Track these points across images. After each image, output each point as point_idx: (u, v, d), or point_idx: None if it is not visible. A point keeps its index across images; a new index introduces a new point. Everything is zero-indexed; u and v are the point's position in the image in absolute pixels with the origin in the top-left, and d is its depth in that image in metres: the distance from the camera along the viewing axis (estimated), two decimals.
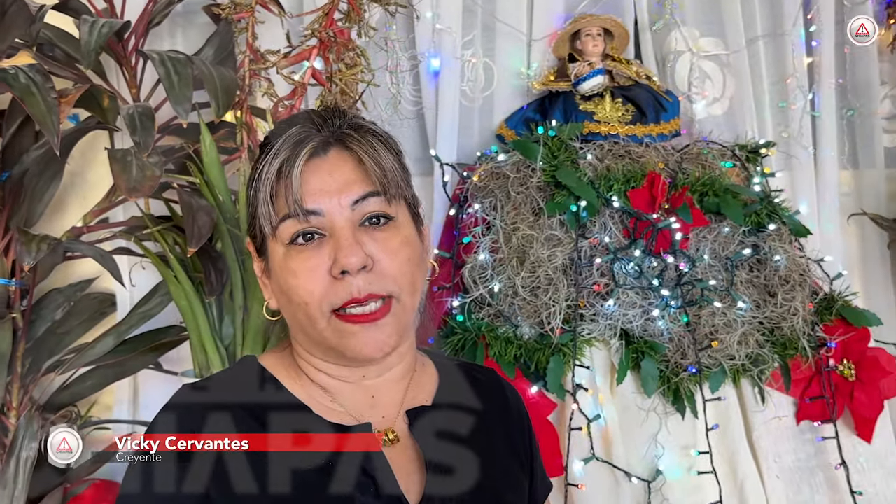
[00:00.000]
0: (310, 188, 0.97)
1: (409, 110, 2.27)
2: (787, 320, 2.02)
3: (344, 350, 1.00)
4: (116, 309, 2.13)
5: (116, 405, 2.16)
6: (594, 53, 2.26)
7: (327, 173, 0.99)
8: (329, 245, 0.97)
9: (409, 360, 1.10)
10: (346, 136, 1.00)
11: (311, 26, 1.81)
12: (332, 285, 0.97)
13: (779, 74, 2.51)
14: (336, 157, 1.00)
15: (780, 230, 2.10)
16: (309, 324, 0.99)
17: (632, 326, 1.92)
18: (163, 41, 2.20)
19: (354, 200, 0.98)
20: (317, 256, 0.97)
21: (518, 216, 1.95)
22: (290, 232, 0.98)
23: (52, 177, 1.89)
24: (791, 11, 2.47)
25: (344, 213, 0.98)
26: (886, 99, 2.70)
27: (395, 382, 1.08)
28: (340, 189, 0.98)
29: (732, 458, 1.97)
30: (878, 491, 2.06)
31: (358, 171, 0.99)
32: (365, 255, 0.96)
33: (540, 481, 1.22)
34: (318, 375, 1.05)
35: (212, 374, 1.80)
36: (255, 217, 1.02)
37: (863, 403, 2.06)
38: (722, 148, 2.22)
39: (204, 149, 1.75)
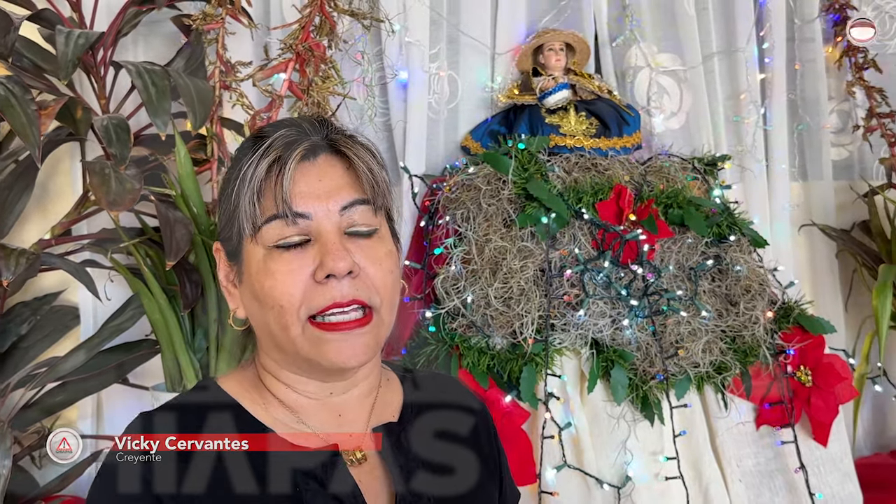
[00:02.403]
0: (299, 190, 0.96)
1: (378, 122, 2.28)
2: (749, 328, 2.08)
3: (318, 359, 0.97)
4: (80, 322, 2.10)
5: (80, 420, 2.12)
6: (557, 68, 2.31)
7: (317, 177, 0.98)
8: (314, 249, 0.96)
9: (375, 376, 1.09)
10: (337, 141, 1.00)
11: (287, 39, 1.82)
12: (314, 289, 0.95)
13: (733, 90, 2.59)
14: (326, 161, 0.99)
15: (740, 241, 2.17)
16: (281, 331, 0.97)
17: (602, 336, 1.96)
18: (127, 51, 2.18)
19: (343, 206, 0.98)
20: (299, 259, 0.96)
21: (490, 228, 1.98)
22: (275, 234, 0.96)
23: (22, 189, 1.86)
24: (744, 29, 2.56)
25: (332, 218, 0.97)
26: (833, 113, 2.80)
27: (362, 399, 1.07)
28: (329, 194, 0.97)
29: (697, 464, 2.02)
30: (834, 493, 2.14)
31: (347, 177, 0.99)
32: (352, 261, 0.95)
33: (509, 490, 1.22)
34: (284, 392, 1.03)
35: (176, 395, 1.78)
36: (232, 217, 0.99)
37: (819, 408, 2.13)
38: (682, 161, 2.29)
39: (179, 161, 1.73)
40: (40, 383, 1.70)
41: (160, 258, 1.79)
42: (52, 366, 1.72)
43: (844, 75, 2.77)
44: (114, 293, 2.02)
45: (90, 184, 1.49)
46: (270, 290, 0.96)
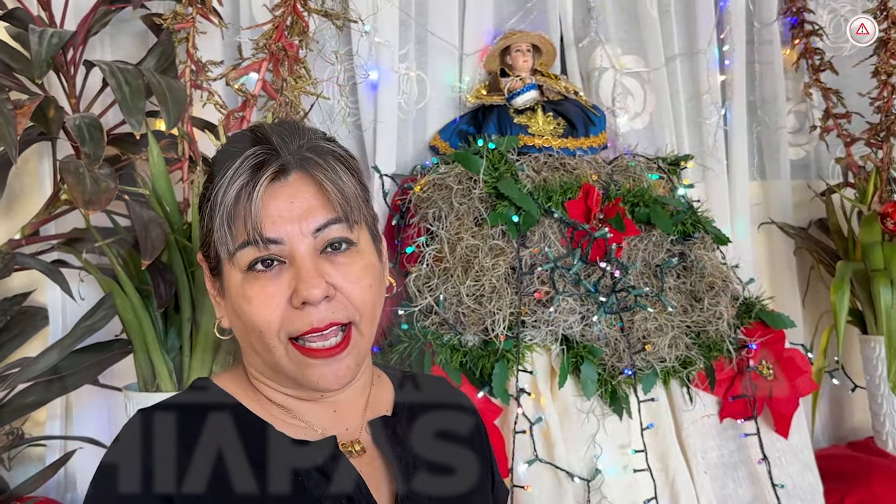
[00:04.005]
0: (269, 214, 0.95)
1: (348, 122, 2.30)
2: (713, 324, 2.13)
3: (302, 381, 0.99)
4: (49, 323, 2.09)
5: (50, 421, 2.10)
6: (524, 68, 2.34)
7: (288, 200, 0.96)
8: (289, 273, 0.95)
9: (367, 375, 1.11)
10: (307, 160, 0.98)
11: (260, 39, 1.82)
12: (291, 314, 0.95)
13: (695, 91, 2.64)
14: (297, 181, 0.97)
15: (704, 238, 2.22)
16: (265, 350, 0.98)
17: (572, 332, 1.99)
18: (95, 51, 2.16)
19: (316, 228, 0.96)
20: (275, 284, 0.95)
21: (462, 226, 2.00)
22: (248, 259, 0.96)
23: None
24: (705, 31, 2.61)
25: (305, 241, 0.96)
26: (791, 114, 2.88)
27: (356, 397, 1.09)
28: (302, 216, 0.96)
29: (664, 456, 2.06)
30: (795, 483, 2.19)
31: (319, 198, 0.97)
32: (327, 285, 0.95)
33: (500, 485, 1.26)
34: (276, 395, 1.04)
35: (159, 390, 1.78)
36: (208, 239, 0.99)
37: (780, 401, 2.19)
38: (648, 161, 2.33)
39: (152, 160, 1.73)
40: (12, 384, 1.69)
41: (133, 258, 1.79)
42: (25, 366, 1.70)
43: (802, 77, 2.84)
44: (83, 294, 2.01)
45: (66, 183, 1.48)
46: (249, 315, 0.96)
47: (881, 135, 2.59)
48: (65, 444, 2.10)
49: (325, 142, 1.02)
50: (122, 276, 1.71)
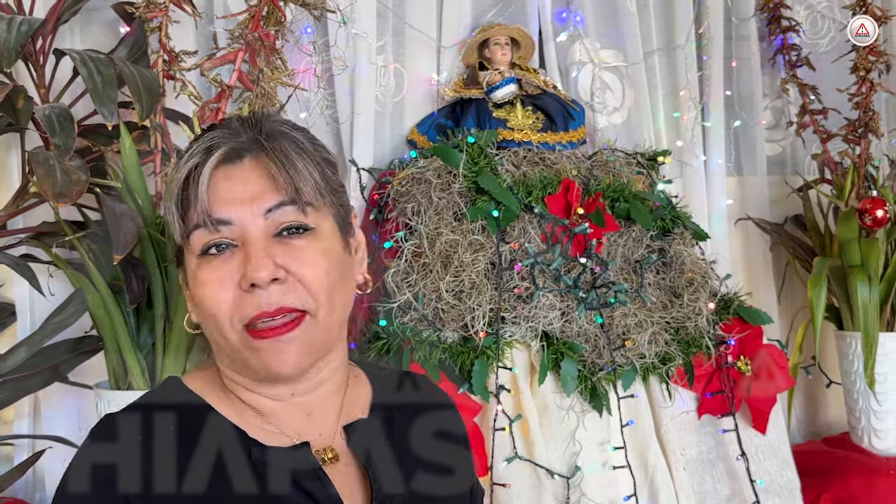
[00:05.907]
0: (219, 196, 0.94)
1: (325, 114, 2.26)
2: (692, 320, 2.12)
3: (257, 368, 0.96)
4: (17, 319, 2.04)
5: (17, 420, 2.05)
6: (503, 62, 2.32)
7: (241, 181, 0.95)
8: (239, 256, 0.94)
9: (342, 375, 1.08)
10: (262, 144, 0.97)
11: (236, 29, 1.79)
12: (242, 298, 0.93)
13: (673, 86, 2.64)
14: (251, 164, 0.96)
15: (683, 234, 2.21)
16: (221, 338, 0.96)
17: (552, 328, 1.97)
18: (64, 39, 2.11)
19: (267, 209, 0.95)
20: (226, 267, 0.94)
21: (441, 221, 1.98)
22: (200, 242, 0.95)
23: None
24: (684, 26, 2.61)
25: (256, 222, 0.94)
26: (767, 110, 2.88)
27: (330, 397, 1.06)
28: (253, 197, 0.94)
29: (644, 453, 2.06)
30: (773, 479, 2.20)
31: (274, 180, 0.95)
32: (275, 267, 0.93)
33: (476, 486, 1.24)
34: (248, 395, 1.01)
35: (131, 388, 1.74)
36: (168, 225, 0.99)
37: (758, 397, 2.19)
38: (627, 156, 2.32)
39: (124, 152, 1.69)
40: None
41: (104, 252, 1.74)
42: None
43: (778, 73, 2.84)
44: (53, 289, 1.97)
45: (36, 175, 1.43)
46: (202, 300, 0.95)
47: (859, 131, 2.60)
48: (33, 444, 2.05)
49: (291, 129, 1.01)
50: (93, 271, 1.67)
